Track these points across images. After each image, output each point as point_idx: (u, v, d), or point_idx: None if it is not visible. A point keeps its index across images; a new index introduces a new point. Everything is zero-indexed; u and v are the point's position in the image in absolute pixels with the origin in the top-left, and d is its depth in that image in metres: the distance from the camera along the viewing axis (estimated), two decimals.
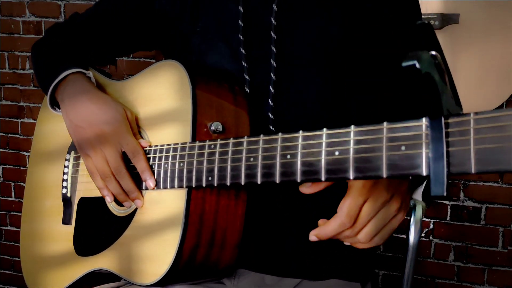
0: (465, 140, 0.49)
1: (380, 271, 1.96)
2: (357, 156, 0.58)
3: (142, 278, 0.83)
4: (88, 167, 0.91)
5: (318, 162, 0.61)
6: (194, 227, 0.79)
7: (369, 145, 0.57)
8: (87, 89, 0.94)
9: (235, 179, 0.72)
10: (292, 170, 0.65)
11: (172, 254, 0.79)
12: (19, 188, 2.31)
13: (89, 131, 0.89)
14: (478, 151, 0.48)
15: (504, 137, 0.46)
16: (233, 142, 0.73)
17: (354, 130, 0.59)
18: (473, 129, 0.49)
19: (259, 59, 0.91)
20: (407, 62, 0.49)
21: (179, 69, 0.85)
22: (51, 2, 2.14)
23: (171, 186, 0.82)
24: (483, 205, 1.84)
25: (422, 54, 0.49)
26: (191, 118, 0.81)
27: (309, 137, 0.63)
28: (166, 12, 1.00)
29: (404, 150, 0.54)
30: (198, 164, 0.78)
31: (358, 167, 0.58)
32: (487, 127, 0.48)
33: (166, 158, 0.84)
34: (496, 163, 0.47)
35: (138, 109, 0.93)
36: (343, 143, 0.59)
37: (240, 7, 0.92)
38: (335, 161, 0.60)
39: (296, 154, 0.64)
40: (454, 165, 0.50)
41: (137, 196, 0.87)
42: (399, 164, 0.54)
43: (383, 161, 0.55)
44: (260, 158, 0.69)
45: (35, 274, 1.07)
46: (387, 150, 0.55)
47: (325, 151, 0.61)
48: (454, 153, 0.50)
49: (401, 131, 0.55)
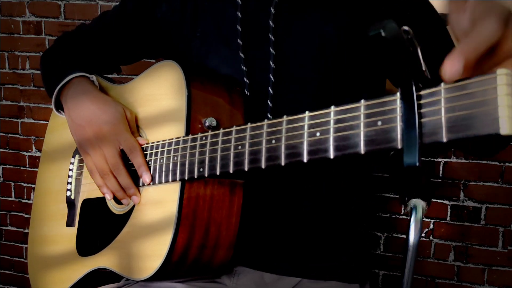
0: (437, 110, 0.50)
1: (380, 271, 1.96)
2: (336, 135, 0.59)
3: (139, 273, 0.85)
4: (88, 165, 0.93)
5: (301, 144, 0.63)
6: (188, 221, 0.80)
7: (347, 123, 0.58)
8: (88, 90, 0.97)
9: (224, 168, 0.74)
10: (276, 154, 0.66)
11: (165, 247, 0.80)
12: (19, 188, 2.31)
13: (89, 130, 0.91)
14: (449, 119, 0.49)
15: (473, 103, 0.47)
16: (223, 132, 0.75)
17: (334, 110, 0.60)
18: (444, 98, 0.50)
19: (257, 62, 0.92)
20: (373, 32, 0.50)
21: (176, 69, 0.87)
22: (51, 2, 2.14)
23: (166, 180, 0.84)
24: (483, 205, 1.84)
25: (388, 23, 0.49)
26: (185, 114, 0.82)
27: (292, 121, 0.65)
28: (167, 19, 1.02)
29: (381, 125, 0.55)
30: (191, 156, 0.79)
31: (337, 145, 0.59)
32: (457, 95, 0.49)
33: (161, 154, 0.85)
34: (466, 129, 0.48)
35: (138, 109, 0.95)
36: (323, 124, 0.61)
37: (238, 12, 0.93)
38: (316, 142, 0.61)
39: (280, 139, 0.66)
40: (426, 135, 0.51)
41: (134, 193, 0.89)
42: (376, 139, 0.55)
43: (361, 137, 0.57)
44: (247, 145, 0.70)
45: (40, 277, 1.10)
46: (364, 126, 0.56)
47: (307, 133, 0.62)
48: (426, 123, 0.51)
49: (377, 107, 0.56)
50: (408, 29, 0.51)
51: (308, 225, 0.97)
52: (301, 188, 0.95)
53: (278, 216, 0.95)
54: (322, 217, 0.97)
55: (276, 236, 0.95)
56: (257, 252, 0.95)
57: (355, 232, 1.01)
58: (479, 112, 0.47)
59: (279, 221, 0.95)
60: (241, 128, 0.72)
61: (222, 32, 0.96)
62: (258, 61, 0.92)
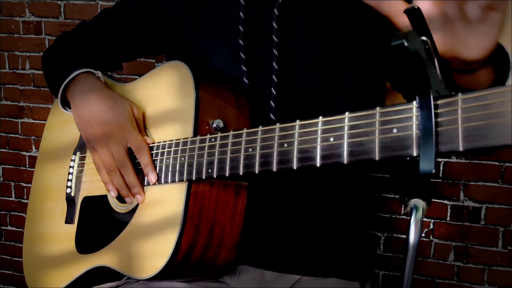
0: (454, 119, 0.51)
1: (380, 271, 1.96)
2: (351, 140, 0.60)
3: (142, 272, 0.84)
4: (95, 162, 0.94)
5: (314, 149, 0.63)
6: (193, 221, 0.80)
7: (362, 130, 0.59)
8: (95, 86, 0.97)
9: (234, 170, 0.74)
10: (288, 157, 0.66)
11: (170, 247, 0.80)
12: (19, 188, 2.31)
13: (96, 127, 0.91)
14: (466, 129, 0.50)
15: (490, 114, 0.48)
16: (233, 134, 0.75)
17: (348, 116, 0.61)
18: (461, 108, 0.51)
19: (260, 62, 0.92)
20: (395, 41, 0.51)
21: (184, 69, 0.87)
22: (51, 2, 2.14)
23: (172, 180, 0.84)
24: (483, 205, 1.84)
25: (410, 33, 0.51)
26: (193, 115, 0.82)
27: (305, 125, 0.65)
28: (169, 17, 1.01)
29: (396, 133, 0.56)
30: (199, 157, 0.79)
31: (351, 151, 0.60)
32: (474, 105, 0.50)
33: (168, 154, 0.86)
34: (483, 139, 0.49)
35: (144, 108, 0.95)
36: (337, 129, 0.61)
37: (241, 13, 0.93)
38: (330, 147, 0.62)
39: (293, 142, 0.66)
40: (443, 143, 0.52)
41: (139, 192, 0.89)
42: (391, 146, 0.56)
43: (376, 144, 0.57)
44: (258, 148, 0.71)
45: (36, 274, 1.08)
46: (379, 133, 0.57)
47: (320, 137, 0.63)
48: (443, 132, 0.52)
49: (393, 114, 0.56)
50: (426, 39, 0.52)
51: (309, 223, 0.97)
52: (302, 187, 0.95)
53: (279, 214, 0.95)
54: (322, 215, 0.97)
55: (277, 234, 0.96)
56: (258, 250, 0.95)
57: (355, 230, 1.01)
58: (496, 123, 0.48)
59: (280, 219, 0.95)
60: (252, 131, 0.73)
61: (224, 32, 0.96)
62: (260, 62, 0.92)
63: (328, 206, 0.98)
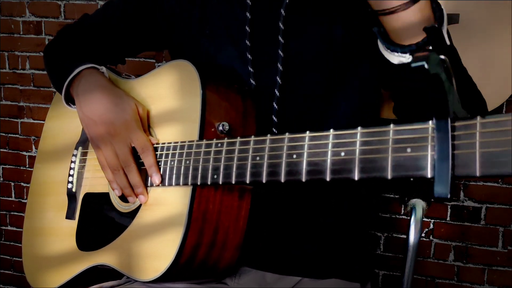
0: (471, 143, 0.50)
1: (380, 271, 1.96)
2: (363, 157, 0.58)
3: (143, 274, 0.84)
4: (99, 160, 0.93)
5: (324, 162, 0.62)
6: (197, 224, 0.80)
7: (375, 146, 0.57)
8: (100, 83, 0.95)
9: (240, 178, 0.73)
10: (297, 169, 0.65)
11: (174, 250, 0.79)
12: (19, 188, 2.31)
13: (101, 126, 0.90)
14: (483, 154, 0.49)
15: (508, 140, 0.47)
16: (240, 141, 0.74)
17: (361, 132, 0.59)
18: (479, 132, 0.49)
19: (265, 63, 0.92)
20: (416, 63, 0.50)
21: (190, 69, 0.86)
22: (51, 2, 2.14)
23: (176, 183, 0.83)
24: (483, 205, 1.84)
25: (431, 55, 0.50)
26: (199, 117, 0.81)
27: (315, 138, 0.64)
28: (174, 13, 1.00)
29: (410, 152, 0.54)
30: (204, 162, 0.78)
31: (363, 167, 0.58)
32: (493, 131, 0.48)
33: (172, 156, 0.84)
34: (500, 166, 0.48)
35: (149, 107, 0.93)
36: (349, 144, 0.60)
37: (247, 13, 0.92)
38: (341, 162, 0.60)
39: (302, 154, 0.65)
40: (459, 167, 0.51)
41: (142, 192, 0.88)
42: (404, 165, 0.54)
43: (389, 162, 0.56)
44: (266, 157, 0.69)
45: (36, 270, 1.08)
46: (392, 151, 0.56)
47: (331, 151, 0.62)
48: (459, 155, 0.51)
49: (407, 133, 0.55)
50: (445, 58, 0.51)
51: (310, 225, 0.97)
52: (303, 191, 0.95)
53: (280, 216, 0.95)
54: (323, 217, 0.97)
55: (278, 236, 0.95)
56: (259, 252, 0.95)
57: (357, 231, 1.01)
58: None
59: (281, 221, 0.95)
60: (260, 139, 0.71)
61: (230, 32, 0.95)
62: (266, 63, 0.92)
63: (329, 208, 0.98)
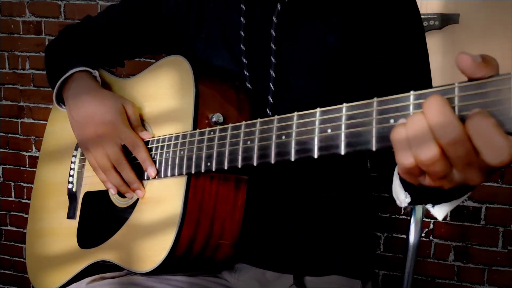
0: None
1: (380, 271, 1.96)
2: (348, 131, 0.59)
3: (141, 265, 0.85)
4: (90, 162, 0.94)
5: (311, 140, 0.63)
6: (193, 215, 0.80)
7: (360, 120, 0.58)
8: (89, 87, 0.96)
9: (232, 163, 0.74)
10: (286, 149, 0.66)
11: (169, 241, 0.80)
12: (19, 188, 2.31)
13: (89, 128, 0.92)
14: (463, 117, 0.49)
15: (487, 102, 0.48)
16: (232, 126, 0.75)
17: (346, 106, 0.60)
18: (458, 96, 0.50)
19: (259, 69, 0.92)
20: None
21: (184, 64, 0.87)
22: (51, 2, 2.14)
23: (172, 174, 0.84)
24: (483, 205, 1.84)
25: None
26: (192, 109, 0.82)
27: (303, 116, 0.65)
28: (172, 16, 1.02)
29: (393, 123, 0.55)
30: (198, 150, 0.79)
31: (349, 142, 0.59)
32: (471, 93, 0.49)
33: (167, 147, 0.86)
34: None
35: (144, 103, 0.95)
36: (335, 120, 0.61)
37: (241, 18, 0.93)
38: (327, 138, 0.61)
39: (291, 134, 0.66)
40: None
41: (138, 187, 0.89)
42: (387, 136, 0.55)
43: (373, 134, 0.57)
44: (256, 140, 0.70)
45: (39, 270, 1.09)
46: (376, 123, 0.56)
47: (318, 128, 0.63)
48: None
49: (390, 103, 0.56)
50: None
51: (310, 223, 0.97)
52: (304, 186, 0.95)
53: (279, 214, 0.95)
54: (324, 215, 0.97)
55: (277, 234, 0.96)
56: (258, 249, 0.95)
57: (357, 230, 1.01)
58: (493, 111, 0.47)
59: (280, 218, 0.96)
60: (250, 123, 0.72)
61: (226, 36, 0.96)
62: (260, 68, 0.92)
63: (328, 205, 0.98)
